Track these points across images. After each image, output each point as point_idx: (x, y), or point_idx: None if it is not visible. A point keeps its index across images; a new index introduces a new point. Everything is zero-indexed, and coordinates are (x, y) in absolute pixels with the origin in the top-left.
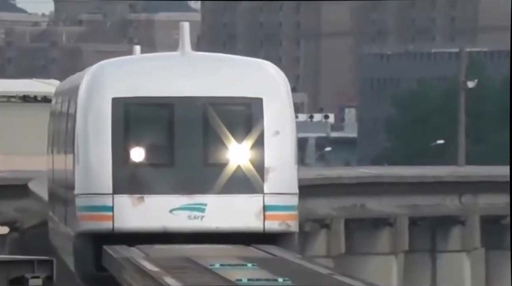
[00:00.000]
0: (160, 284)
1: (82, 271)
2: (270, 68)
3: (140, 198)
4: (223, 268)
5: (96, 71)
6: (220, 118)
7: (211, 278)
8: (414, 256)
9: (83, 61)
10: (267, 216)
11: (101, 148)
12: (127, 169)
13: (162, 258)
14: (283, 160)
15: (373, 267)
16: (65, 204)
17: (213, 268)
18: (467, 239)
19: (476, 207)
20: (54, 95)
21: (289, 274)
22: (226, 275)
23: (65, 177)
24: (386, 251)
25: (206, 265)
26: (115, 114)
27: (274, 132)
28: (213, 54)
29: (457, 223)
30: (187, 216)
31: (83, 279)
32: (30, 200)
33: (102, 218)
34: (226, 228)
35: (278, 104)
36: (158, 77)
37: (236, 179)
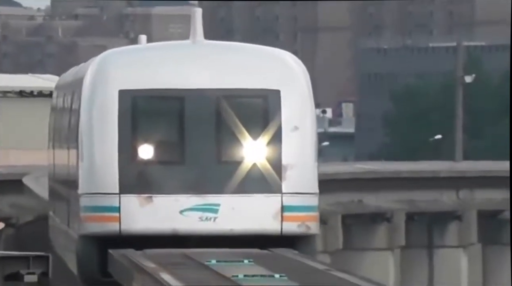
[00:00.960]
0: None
1: (86, 276)
2: (288, 57)
3: (149, 198)
4: (219, 264)
5: (102, 61)
6: (235, 112)
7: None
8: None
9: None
10: (285, 217)
11: (106, 144)
12: (134, 166)
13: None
14: (302, 156)
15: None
16: (67, 203)
17: (210, 264)
18: (464, 235)
19: (473, 202)
20: (55, 89)
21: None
22: (223, 271)
23: (67, 175)
24: (383, 246)
25: (203, 261)
26: (122, 108)
27: (293, 127)
28: (227, 43)
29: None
30: (199, 218)
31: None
32: (25, 195)
33: (107, 219)
34: (241, 230)
35: (297, 96)
36: (168, 68)
37: (251, 178)
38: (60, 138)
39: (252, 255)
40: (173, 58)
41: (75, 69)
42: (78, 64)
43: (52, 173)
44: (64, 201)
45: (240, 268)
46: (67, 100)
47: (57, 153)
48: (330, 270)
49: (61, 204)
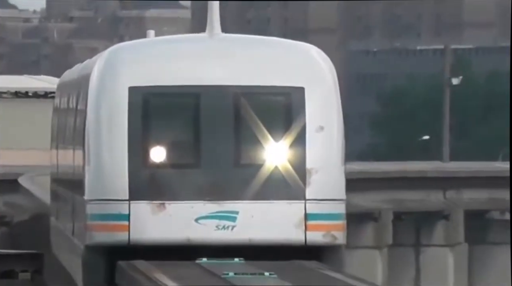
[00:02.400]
0: None
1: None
2: (313, 52)
3: (161, 204)
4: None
5: (110, 56)
6: (255, 111)
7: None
8: (398, 250)
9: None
10: (309, 226)
11: (115, 146)
12: (145, 170)
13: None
14: (328, 160)
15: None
16: (72, 210)
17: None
18: (451, 234)
19: (460, 202)
20: (58, 87)
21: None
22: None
23: (73, 179)
24: (370, 245)
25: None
26: (132, 106)
27: (318, 127)
28: (246, 36)
29: (441, 218)
30: (216, 226)
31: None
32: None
33: (116, 228)
34: (261, 240)
35: (322, 94)
36: (182, 63)
37: (272, 183)
38: (65, 139)
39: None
40: (188, 53)
41: (81, 66)
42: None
43: (56, 176)
44: (68, 207)
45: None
46: (72, 99)
47: (61, 155)
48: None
49: (65, 210)
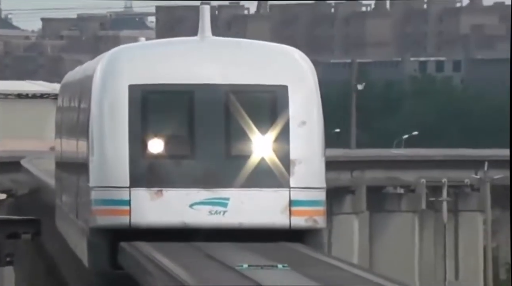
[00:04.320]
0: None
1: (96, 268)
2: (295, 54)
3: (159, 191)
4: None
5: (112, 57)
6: (243, 107)
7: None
8: None
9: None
10: (293, 211)
11: (117, 138)
12: (144, 160)
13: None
14: (310, 151)
15: None
16: (76, 195)
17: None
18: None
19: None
20: (61, 86)
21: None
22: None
23: (77, 167)
24: None
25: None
26: (132, 103)
27: (300, 122)
28: (235, 39)
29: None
30: (208, 211)
31: (98, 277)
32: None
33: (118, 213)
34: (250, 224)
35: (304, 92)
36: (177, 63)
37: (260, 172)
38: (70, 132)
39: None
40: (182, 54)
41: (83, 67)
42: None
43: (60, 163)
44: (72, 191)
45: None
46: (76, 96)
47: (66, 146)
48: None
49: (69, 194)
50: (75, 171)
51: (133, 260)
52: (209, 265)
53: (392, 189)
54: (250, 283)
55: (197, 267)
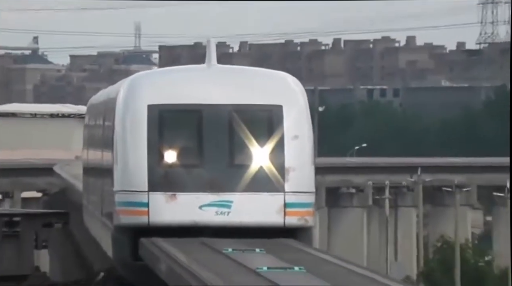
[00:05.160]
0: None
1: (120, 261)
2: (289, 78)
3: (173, 195)
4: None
5: (132, 82)
6: (244, 123)
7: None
8: None
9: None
10: (287, 212)
11: (137, 150)
12: (161, 169)
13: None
14: (301, 161)
15: None
16: (101, 197)
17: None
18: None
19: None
20: (88, 107)
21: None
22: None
23: (103, 174)
24: None
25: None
26: (150, 120)
27: (293, 136)
28: (236, 67)
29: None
30: (215, 212)
31: (122, 268)
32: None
33: (138, 213)
34: (250, 222)
35: (296, 111)
36: (188, 86)
37: (259, 179)
38: (96, 144)
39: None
40: (192, 79)
41: (106, 91)
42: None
43: (87, 170)
44: (98, 194)
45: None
46: (102, 114)
47: (92, 155)
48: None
49: (95, 196)
50: (100, 176)
51: (151, 253)
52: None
53: (346, 189)
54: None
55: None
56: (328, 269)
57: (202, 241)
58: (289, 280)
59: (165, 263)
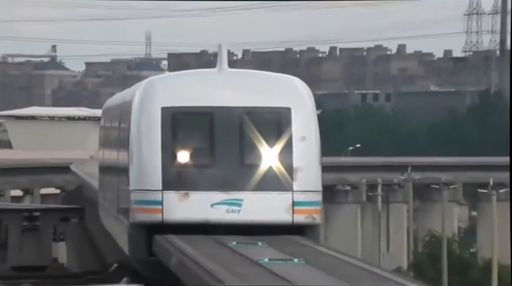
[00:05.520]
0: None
1: (136, 257)
2: (296, 82)
3: (186, 194)
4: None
5: (147, 85)
6: (254, 125)
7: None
8: None
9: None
10: (296, 210)
11: (152, 150)
12: (174, 168)
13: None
14: (309, 161)
15: None
16: (117, 195)
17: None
18: None
19: None
20: (104, 109)
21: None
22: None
23: (118, 173)
24: None
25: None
26: (164, 122)
27: (301, 137)
28: (246, 71)
29: None
30: (226, 210)
31: (137, 263)
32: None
33: (153, 211)
34: (260, 220)
35: (304, 113)
36: (200, 89)
37: (268, 178)
38: (112, 144)
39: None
40: (204, 82)
41: (121, 94)
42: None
43: (103, 169)
44: (114, 192)
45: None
46: (117, 116)
47: (108, 155)
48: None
49: (111, 194)
50: (116, 175)
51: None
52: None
53: (341, 186)
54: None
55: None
56: (326, 260)
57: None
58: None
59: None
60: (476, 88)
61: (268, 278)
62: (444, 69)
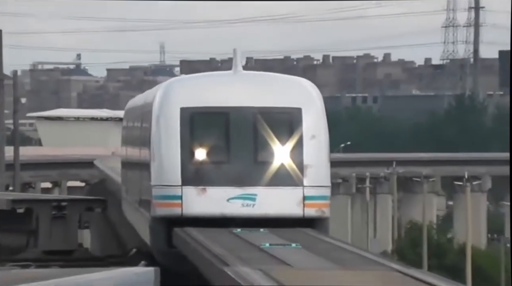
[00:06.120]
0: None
1: (156, 248)
2: (307, 84)
3: (203, 189)
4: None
5: (167, 87)
6: (267, 124)
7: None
8: None
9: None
10: (306, 204)
11: (172, 148)
12: (192, 165)
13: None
14: (318, 158)
15: None
16: (139, 190)
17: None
18: None
19: None
20: (126, 110)
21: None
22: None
23: (140, 170)
24: None
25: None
26: (183, 121)
27: (311, 136)
28: (260, 73)
29: None
30: (241, 204)
31: (157, 254)
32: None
33: (173, 205)
34: (273, 214)
35: (314, 113)
36: (216, 90)
37: (280, 174)
38: (134, 142)
39: None
40: (220, 84)
41: (142, 96)
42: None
43: (126, 165)
44: (136, 187)
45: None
46: (139, 116)
47: (130, 152)
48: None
49: (133, 189)
50: (138, 172)
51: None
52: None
53: (333, 179)
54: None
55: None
56: (321, 246)
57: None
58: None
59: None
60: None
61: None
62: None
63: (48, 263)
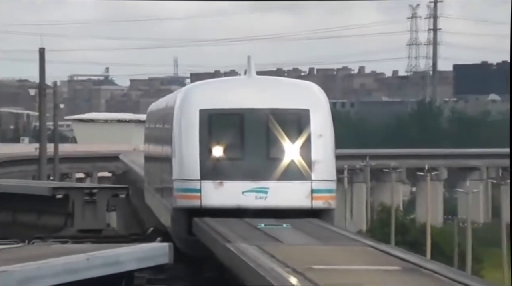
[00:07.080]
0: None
1: (177, 236)
2: (314, 87)
3: (220, 183)
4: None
5: (187, 91)
6: (278, 124)
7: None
8: None
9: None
10: (314, 197)
11: (191, 146)
12: (210, 161)
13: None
14: (325, 155)
15: None
16: (161, 183)
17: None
18: None
19: None
20: (148, 112)
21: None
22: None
23: (162, 165)
24: None
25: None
26: (201, 121)
27: (318, 135)
28: (272, 77)
29: None
30: (255, 197)
31: (178, 241)
32: (119, 162)
33: (192, 198)
34: (283, 205)
35: (320, 114)
36: (232, 94)
37: (290, 169)
38: (156, 140)
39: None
40: (236, 87)
41: (164, 99)
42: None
43: (149, 160)
44: (158, 180)
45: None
46: (161, 117)
47: (153, 149)
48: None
49: (155, 182)
50: (160, 166)
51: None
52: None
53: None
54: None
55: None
56: (308, 226)
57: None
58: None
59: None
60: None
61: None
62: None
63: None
